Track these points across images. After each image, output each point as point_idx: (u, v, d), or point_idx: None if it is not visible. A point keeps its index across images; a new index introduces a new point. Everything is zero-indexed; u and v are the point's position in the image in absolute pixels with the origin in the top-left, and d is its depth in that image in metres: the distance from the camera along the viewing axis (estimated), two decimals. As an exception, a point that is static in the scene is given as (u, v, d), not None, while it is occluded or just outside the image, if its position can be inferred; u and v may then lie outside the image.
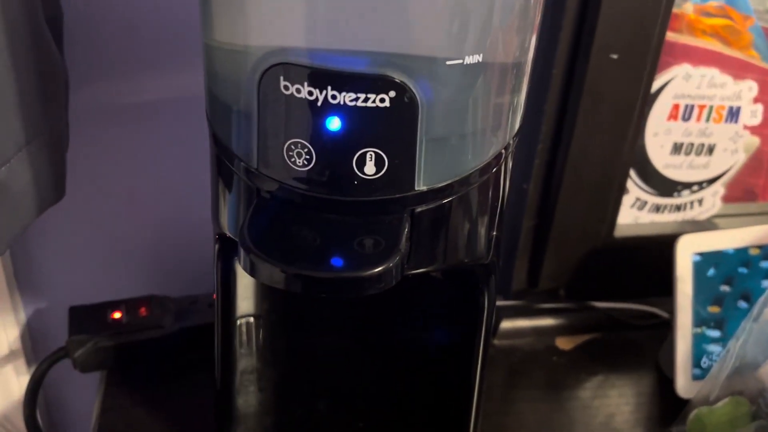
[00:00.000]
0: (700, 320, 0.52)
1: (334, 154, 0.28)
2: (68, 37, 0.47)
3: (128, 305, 0.53)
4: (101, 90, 0.53)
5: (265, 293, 0.41)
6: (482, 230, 0.34)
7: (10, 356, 0.60)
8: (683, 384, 0.52)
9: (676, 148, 0.57)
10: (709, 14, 0.56)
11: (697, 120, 0.56)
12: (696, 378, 0.52)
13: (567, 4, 0.48)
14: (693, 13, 0.55)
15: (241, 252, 0.29)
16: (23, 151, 0.40)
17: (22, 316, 0.60)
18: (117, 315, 0.53)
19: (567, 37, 0.49)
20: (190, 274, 0.58)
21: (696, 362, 0.52)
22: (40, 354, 0.62)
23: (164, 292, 0.55)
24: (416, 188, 0.30)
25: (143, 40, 0.52)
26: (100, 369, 0.52)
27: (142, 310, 0.53)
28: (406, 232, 0.30)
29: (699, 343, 0.52)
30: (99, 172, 0.56)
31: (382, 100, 0.27)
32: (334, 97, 0.27)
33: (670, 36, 0.53)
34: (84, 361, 0.51)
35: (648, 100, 0.53)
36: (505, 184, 0.34)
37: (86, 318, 0.53)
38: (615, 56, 0.49)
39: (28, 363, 0.61)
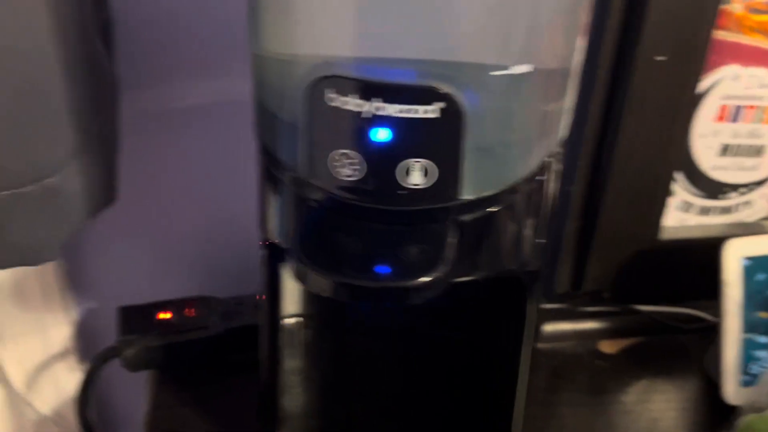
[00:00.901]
0: (748, 326, 0.51)
1: (381, 165, 0.29)
2: (118, 44, 0.48)
3: (176, 306, 0.55)
4: (150, 95, 0.54)
5: (310, 297, 0.41)
6: (527, 238, 0.34)
7: (62, 354, 0.62)
8: (731, 390, 0.51)
9: (724, 150, 0.56)
10: (757, 11, 0.54)
11: (745, 121, 0.55)
12: (744, 384, 0.51)
13: (612, 5, 0.47)
14: (741, 11, 0.53)
15: (292, 262, 0.29)
16: (76, 157, 0.41)
17: (74, 316, 0.62)
18: (165, 315, 0.54)
19: (612, 39, 0.48)
20: (235, 276, 0.59)
21: (744, 368, 0.51)
22: (90, 353, 0.64)
23: (210, 293, 0.56)
24: (462, 197, 0.30)
25: (191, 47, 0.53)
26: (149, 368, 0.54)
27: (190, 311, 0.54)
28: (451, 242, 0.30)
29: (747, 349, 0.51)
30: (148, 175, 0.57)
31: (428, 111, 0.28)
32: (380, 108, 0.28)
33: (718, 34, 0.52)
34: (133, 361, 0.53)
35: (695, 101, 0.52)
36: (550, 192, 0.34)
37: (135, 318, 0.54)
38: (661, 58, 0.48)
39: (80, 361, 0.63)
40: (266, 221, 0.36)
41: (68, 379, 0.62)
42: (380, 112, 0.28)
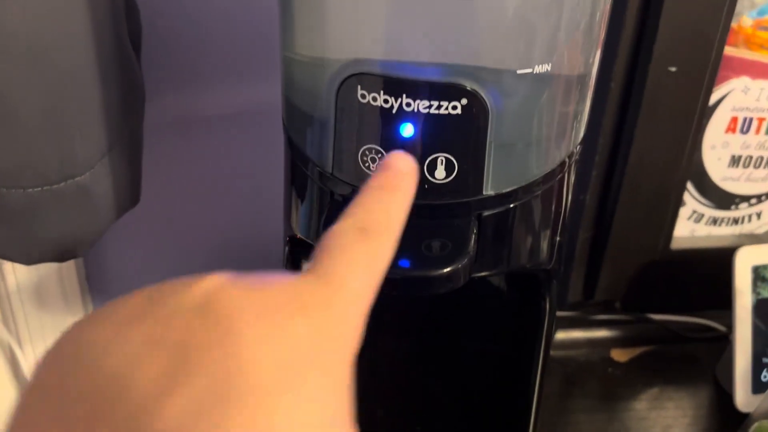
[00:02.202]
0: (759, 334, 0.52)
1: (407, 159, 0.30)
2: (145, 50, 0.50)
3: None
4: (174, 100, 0.55)
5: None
6: (545, 236, 0.35)
7: (80, 356, 0.62)
8: (742, 398, 0.52)
9: (734, 161, 0.57)
10: (765, 28, 0.56)
11: (756, 133, 0.56)
12: (756, 392, 0.52)
13: (626, 17, 0.49)
14: (750, 28, 0.55)
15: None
16: (106, 157, 0.42)
17: (92, 318, 0.63)
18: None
19: (625, 50, 0.50)
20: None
21: (755, 376, 0.52)
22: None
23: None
24: (484, 193, 0.31)
25: (214, 55, 0.54)
26: (167, 369, 0.54)
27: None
28: (472, 235, 0.31)
29: (758, 356, 0.52)
30: (169, 179, 0.58)
31: (455, 107, 0.29)
32: (408, 104, 0.29)
33: (727, 50, 0.53)
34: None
35: (706, 112, 0.54)
36: (567, 192, 0.35)
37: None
38: (673, 69, 0.50)
39: (97, 363, 0.64)
40: (291, 216, 0.37)
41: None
42: (408, 108, 0.29)
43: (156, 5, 0.51)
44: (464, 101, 0.29)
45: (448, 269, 0.30)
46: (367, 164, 0.30)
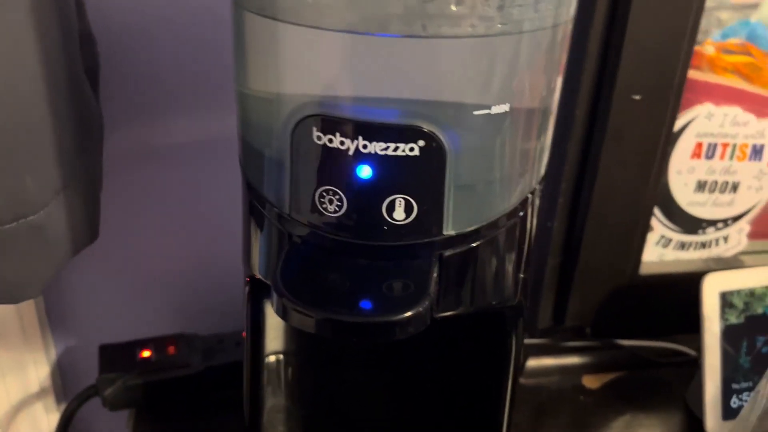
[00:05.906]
0: (728, 360, 0.52)
1: (365, 201, 0.29)
2: (104, 85, 0.49)
3: (157, 344, 0.54)
4: (132, 134, 0.54)
5: (294, 334, 0.41)
6: (509, 273, 0.35)
7: (40, 394, 0.61)
8: (713, 425, 0.52)
9: (700, 186, 0.57)
10: (729, 51, 0.56)
11: (720, 158, 0.56)
12: (726, 418, 0.52)
13: (589, 46, 0.49)
14: (714, 51, 0.55)
15: (275, 297, 0.29)
16: (60, 194, 0.41)
17: (53, 354, 0.61)
18: (146, 353, 0.53)
19: (589, 79, 0.50)
20: (217, 313, 0.59)
21: (725, 402, 0.52)
22: (69, 392, 0.63)
23: (191, 330, 0.56)
24: (444, 233, 0.30)
25: (172, 88, 0.53)
26: (129, 407, 0.53)
27: (171, 349, 0.54)
28: (434, 276, 0.31)
29: (728, 383, 0.52)
30: (129, 213, 0.57)
31: (412, 149, 0.28)
32: (365, 146, 0.28)
33: (692, 74, 0.54)
34: (113, 399, 0.52)
35: (671, 138, 0.54)
36: (531, 228, 0.35)
37: (116, 356, 0.53)
38: (638, 97, 0.50)
39: (57, 401, 0.62)
40: (250, 257, 0.36)
41: (46, 419, 0.61)
42: (365, 150, 0.28)
43: (113, 37, 0.50)
44: (421, 143, 0.28)
45: (409, 314, 0.29)
46: (324, 206, 0.30)
